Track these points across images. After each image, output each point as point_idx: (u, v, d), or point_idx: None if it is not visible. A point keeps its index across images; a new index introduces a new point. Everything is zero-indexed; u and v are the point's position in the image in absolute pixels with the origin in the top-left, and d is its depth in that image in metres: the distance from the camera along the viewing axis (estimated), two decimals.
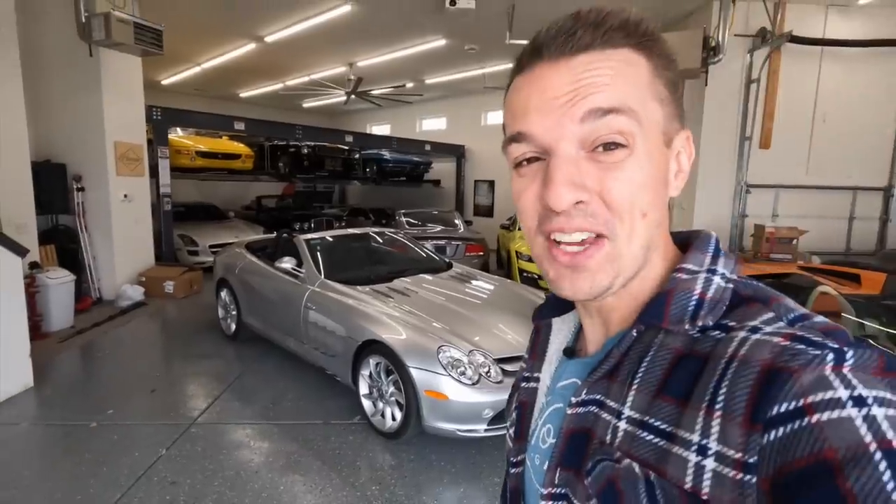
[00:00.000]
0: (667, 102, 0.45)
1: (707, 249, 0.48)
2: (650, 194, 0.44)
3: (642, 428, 0.42)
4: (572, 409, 0.49)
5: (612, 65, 0.42)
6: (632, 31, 0.44)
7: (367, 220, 10.40)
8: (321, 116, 15.71)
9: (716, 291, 0.45)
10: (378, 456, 3.01)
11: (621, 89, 0.42)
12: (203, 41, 8.47)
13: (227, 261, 5.10)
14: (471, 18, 6.43)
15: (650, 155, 0.44)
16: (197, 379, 4.17)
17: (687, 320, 0.44)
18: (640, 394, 0.43)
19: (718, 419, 0.37)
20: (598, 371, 0.48)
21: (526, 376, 0.62)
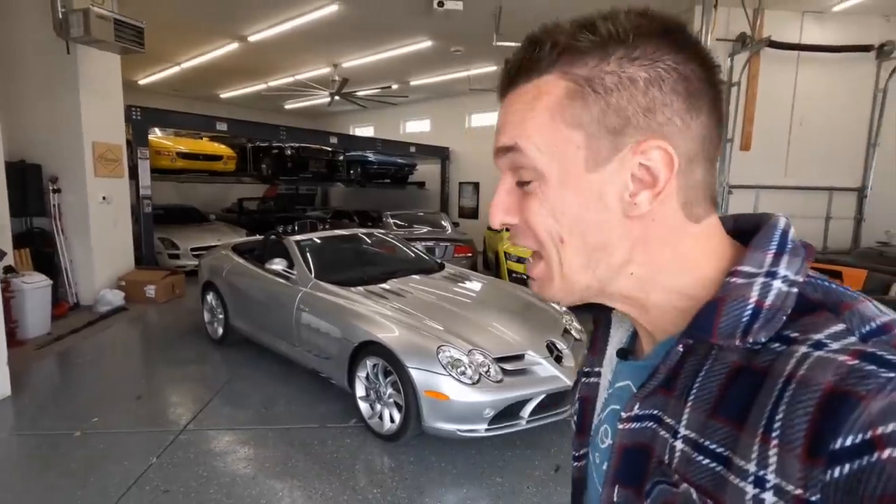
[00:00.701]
0: (594, 122, 0.41)
1: (769, 246, 0.42)
2: (566, 221, 0.43)
3: (698, 450, 0.39)
4: (624, 423, 0.47)
5: (523, 99, 0.44)
6: (551, 54, 0.42)
7: (351, 222, 10.32)
8: (303, 118, 15.53)
9: (776, 298, 0.39)
10: (377, 459, 2.97)
11: (520, 127, 0.44)
12: (184, 40, 8.29)
13: (213, 263, 4.99)
14: (458, 20, 6.44)
15: (563, 183, 0.43)
16: (184, 384, 4.06)
17: (738, 334, 0.39)
18: (694, 411, 0.40)
19: (776, 448, 0.34)
20: (648, 385, 0.45)
21: (587, 371, 0.61)
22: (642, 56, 0.41)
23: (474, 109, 12.49)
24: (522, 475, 2.81)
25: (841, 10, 6.09)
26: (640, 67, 0.41)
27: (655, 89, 0.41)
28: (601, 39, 0.41)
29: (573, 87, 0.42)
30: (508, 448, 3.05)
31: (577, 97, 0.42)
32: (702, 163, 0.43)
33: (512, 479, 2.77)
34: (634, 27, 0.41)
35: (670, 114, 0.41)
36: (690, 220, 0.44)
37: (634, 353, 0.54)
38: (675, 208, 0.43)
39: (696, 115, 0.42)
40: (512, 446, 3.07)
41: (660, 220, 0.43)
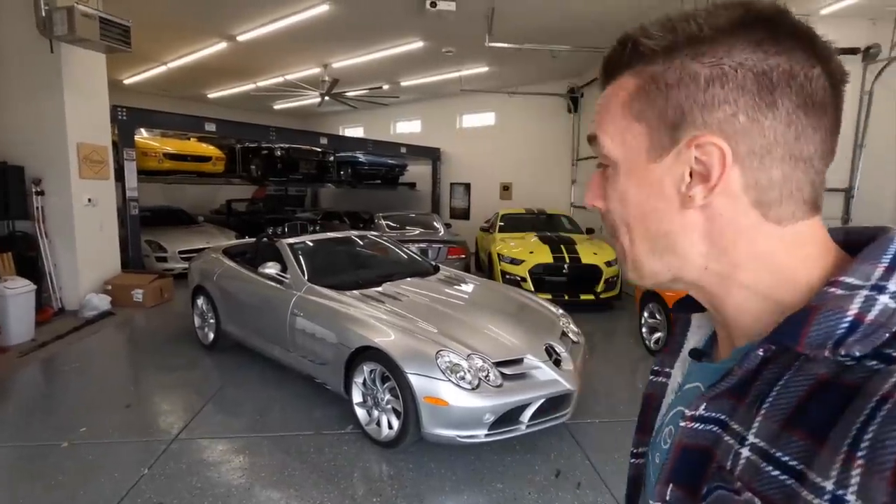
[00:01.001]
0: (655, 116, 0.44)
1: (880, 259, 0.39)
2: (631, 208, 0.47)
3: (767, 460, 0.37)
4: (687, 422, 0.46)
5: (605, 96, 0.49)
6: (626, 55, 0.46)
7: (342, 223, 10.25)
8: (292, 118, 15.40)
9: (880, 314, 0.37)
10: (375, 466, 2.92)
11: (599, 119, 0.49)
12: (171, 39, 8.15)
13: (204, 267, 4.89)
14: (450, 20, 6.40)
15: (628, 173, 0.47)
16: (175, 392, 3.97)
17: (829, 346, 0.37)
18: (767, 420, 0.39)
19: (859, 468, 0.32)
20: (718, 387, 0.44)
21: (656, 369, 0.61)
22: (708, 54, 0.42)
23: (465, 110, 12.48)
24: (523, 481, 2.78)
25: (828, 14, 6.17)
26: (704, 65, 0.42)
27: (717, 87, 0.41)
28: (673, 40, 0.43)
29: (640, 84, 0.45)
30: (508, 453, 3.02)
31: (643, 92, 0.45)
32: (781, 161, 0.41)
33: (513, 484, 2.74)
34: (710, 26, 0.42)
35: (732, 111, 0.41)
36: (769, 220, 0.43)
37: (710, 356, 0.53)
38: (746, 205, 0.43)
39: (769, 112, 0.41)
40: (512, 451, 3.04)
41: (728, 217, 0.43)
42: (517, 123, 11.43)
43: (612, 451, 3.07)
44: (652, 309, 4.90)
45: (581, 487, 2.72)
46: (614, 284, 6.58)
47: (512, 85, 10.46)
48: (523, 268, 6.50)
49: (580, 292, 6.39)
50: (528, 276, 6.43)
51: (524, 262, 6.54)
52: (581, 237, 7.52)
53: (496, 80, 10.29)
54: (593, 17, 6.60)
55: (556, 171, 10.74)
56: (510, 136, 11.63)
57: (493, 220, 8.66)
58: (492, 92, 10.65)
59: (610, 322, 6.18)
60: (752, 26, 0.41)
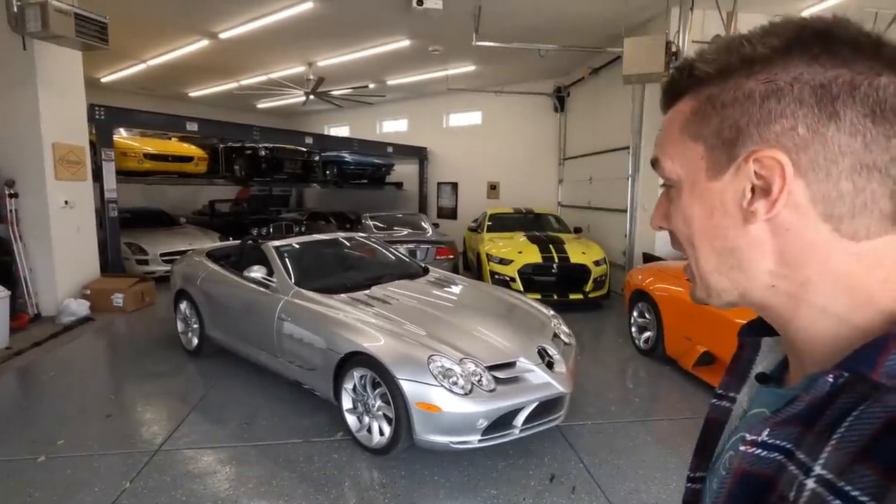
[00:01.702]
0: (712, 135, 0.45)
1: None
2: (696, 226, 0.47)
3: (835, 493, 0.35)
4: (747, 447, 0.44)
5: (666, 121, 0.50)
6: (684, 81, 0.47)
7: (328, 224, 10.12)
8: (276, 117, 15.18)
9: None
10: (366, 474, 2.86)
11: (661, 141, 0.50)
12: (150, 36, 7.94)
13: (187, 270, 4.77)
14: (436, 19, 6.34)
15: (690, 192, 0.47)
16: (158, 400, 3.85)
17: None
18: (837, 452, 0.37)
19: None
20: (784, 412, 0.42)
21: (720, 393, 0.59)
22: (763, 72, 0.42)
23: (452, 109, 12.42)
24: (517, 486, 2.74)
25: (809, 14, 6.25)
26: (758, 83, 0.42)
27: (772, 102, 0.41)
28: (727, 61, 0.44)
29: (697, 106, 0.46)
30: (501, 458, 2.99)
31: (700, 113, 0.46)
32: (851, 172, 0.40)
33: (507, 490, 2.70)
34: (764, 45, 0.42)
35: (791, 124, 0.41)
36: (843, 235, 0.41)
37: (779, 382, 0.52)
38: (815, 219, 0.41)
39: (831, 123, 0.40)
40: (505, 456, 3.00)
41: (795, 232, 0.42)
42: (504, 122, 11.42)
43: (606, 454, 3.05)
44: (641, 308, 4.90)
45: (576, 492, 2.69)
46: (603, 284, 6.59)
47: (499, 84, 10.43)
48: (512, 268, 6.47)
49: (569, 292, 6.39)
50: (518, 276, 6.41)
51: (513, 262, 6.51)
52: (569, 236, 7.53)
53: (483, 79, 10.25)
54: (580, 16, 6.60)
55: (544, 170, 10.75)
56: (497, 136, 11.61)
57: (481, 219, 8.63)
58: (478, 91, 10.62)
59: (599, 321, 6.20)
60: (806, 42, 0.41)
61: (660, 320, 4.55)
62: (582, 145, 9.34)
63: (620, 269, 7.19)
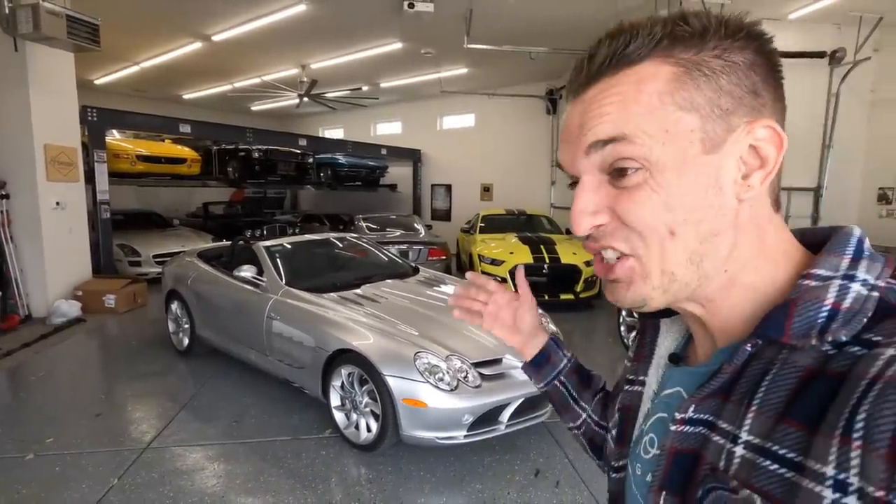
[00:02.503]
0: (708, 103, 0.41)
1: (844, 251, 0.41)
2: (679, 211, 0.42)
3: (764, 455, 0.37)
4: (677, 425, 0.45)
5: (620, 89, 0.42)
6: (656, 38, 0.41)
7: (322, 226, 10.15)
8: (270, 120, 15.20)
9: (854, 301, 0.38)
10: (353, 470, 2.89)
11: (623, 115, 0.42)
12: (143, 38, 7.97)
13: (178, 271, 4.78)
14: (428, 22, 6.40)
15: (678, 169, 0.41)
16: (148, 399, 3.86)
17: (815, 334, 0.38)
18: (760, 416, 0.39)
19: (858, 450, 0.32)
20: (707, 387, 0.44)
21: (630, 378, 0.60)
22: (735, 43, 0.41)
23: (445, 112, 12.49)
24: (502, 481, 2.78)
25: (796, 18, 6.35)
26: (738, 52, 0.41)
27: (758, 70, 0.42)
28: (697, 29, 0.41)
29: (680, 71, 0.41)
30: (487, 453, 3.02)
31: (687, 80, 0.41)
32: None
33: (492, 485, 2.74)
34: (720, 21, 0.42)
35: (768, 97, 0.42)
36: (774, 208, 0.44)
37: (686, 360, 0.53)
38: (764, 192, 0.43)
39: (782, 96, 0.44)
40: (491, 452, 3.04)
41: (756, 207, 0.43)
42: (497, 125, 11.49)
43: None
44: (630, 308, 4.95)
45: (560, 486, 2.73)
46: (593, 284, 6.64)
47: (491, 86, 10.51)
48: (503, 268, 6.52)
49: (560, 292, 6.44)
50: (509, 277, 6.45)
51: (505, 262, 6.56)
52: (560, 237, 7.58)
53: (475, 82, 10.32)
54: (570, 19, 6.67)
55: (536, 172, 10.83)
56: (490, 138, 11.68)
57: (474, 221, 8.68)
58: (471, 93, 10.69)
59: (589, 321, 6.24)
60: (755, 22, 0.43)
61: None
62: None
63: None
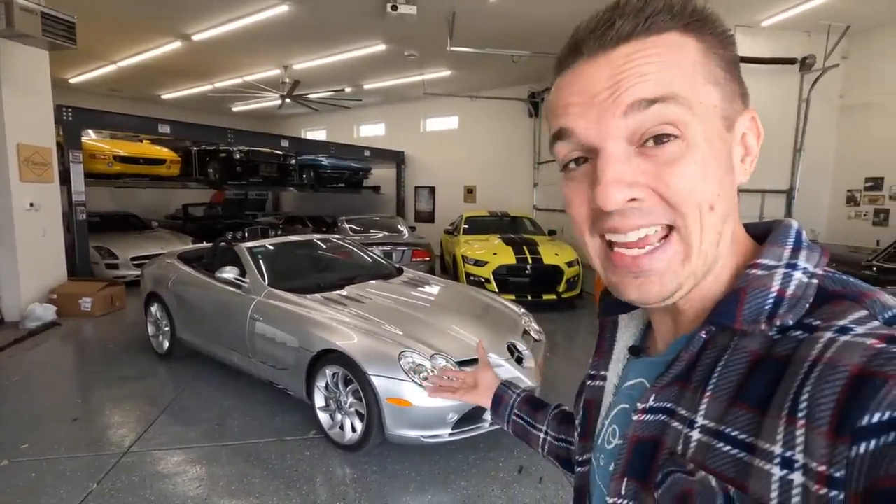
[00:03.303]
0: (725, 83, 0.42)
1: (786, 242, 0.44)
2: (714, 185, 0.41)
3: (718, 438, 0.39)
4: (639, 415, 0.47)
5: (657, 51, 0.40)
6: (678, 13, 0.41)
7: (304, 227, 10.07)
8: (251, 120, 15.04)
9: (797, 288, 0.41)
10: (338, 470, 2.89)
11: (667, 76, 0.40)
12: (120, 37, 7.83)
13: (158, 273, 4.71)
14: (411, 24, 6.43)
15: (709, 142, 0.41)
16: (127, 403, 3.79)
17: (763, 320, 0.40)
18: (714, 401, 0.40)
19: (802, 429, 0.34)
20: (667, 375, 0.45)
21: (592, 374, 0.61)
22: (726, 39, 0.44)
23: (429, 114, 12.52)
24: (487, 478, 2.81)
25: (769, 26, 6.56)
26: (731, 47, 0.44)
27: (737, 67, 0.45)
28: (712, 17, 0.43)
29: (706, 48, 0.42)
30: (472, 451, 3.05)
31: (712, 57, 0.42)
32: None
33: (477, 482, 2.77)
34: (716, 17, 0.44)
35: (743, 90, 0.45)
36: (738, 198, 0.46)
37: (646, 352, 0.55)
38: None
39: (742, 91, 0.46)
40: (475, 449, 3.07)
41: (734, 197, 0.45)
42: (480, 127, 11.56)
43: None
44: None
45: (543, 482, 2.77)
46: (575, 284, 6.74)
47: (474, 89, 10.58)
48: (487, 269, 6.57)
49: (543, 292, 6.51)
50: (492, 278, 6.50)
51: (488, 263, 6.61)
52: (543, 238, 7.67)
53: (459, 84, 10.38)
54: (551, 22, 6.77)
55: (519, 174, 10.93)
56: (474, 140, 11.75)
57: (458, 222, 8.72)
58: (454, 96, 10.75)
59: (571, 321, 6.33)
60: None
61: None
62: None
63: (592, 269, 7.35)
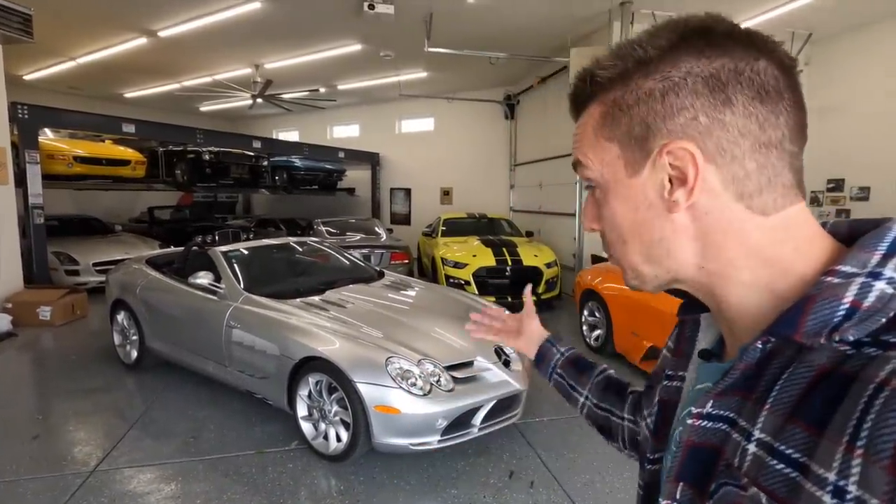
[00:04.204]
0: (624, 134, 0.47)
1: (877, 247, 0.40)
2: (624, 222, 0.49)
3: (772, 454, 0.37)
4: (694, 420, 0.46)
5: (580, 125, 0.52)
6: (588, 89, 0.50)
7: (278, 230, 9.84)
8: (221, 121, 14.61)
9: (877, 300, 0.37)
10: (323, 482, 2.78)
11: (580, 145, 0.52)
12: (81, 32, 7.45)
13: (125, 279, 4.48)
14: (388, 24, 6.35)
15: (615, 190, 0.49)
16: (93, 418, 3.58)
17: (825, 333, 0.37)
18: (772, 415, 0.39)
19: (860, 458, 0.31)
20: (721, 383, 0.45)
21: (669, 374, 0.59)
22: (657, 71, 0.45)
23: (404, 115, 12.43)
24: (477, 484, 2.75)
25: None
26: (655, 81, 0.45)
27: (672, 97, 0.44)
28: (623, 67, 0.46)
29: (604, 110, 0.49)
30: (461, 458, 2.99)
31: (608, 116, 0.48)
32: (752, 152, 0.43)
33: (467, 489, 2.71)
34: (653, 47, 0.45)
35: (692, 115, 0.43)
36: (755, 212, 0.44)
37: (719, 357, 0.53)
38: (729, 200, 0.44)
39: (727, 109, 0.43)
40: (464, 456, 3.01)
41: (713, 215, 0.44)
42: (456, 129, 11.54)
43: (562, 448, 3.12)
44: (591, 307, 5.08)
45: (534, 486, 2.74)
46: (555, 285, 6.78)
47: (451, 91, 10.55)
48: (467, 271, 6.54)
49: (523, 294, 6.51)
50: (472, 280, 6.48)
51: (468, 265, 6.58)
52: (522, 240, 7.69)
53: (435, 86, 10.33)
54: (528, 26, 6.80)
55: (496, 175, 10.95)
56: (450, 142, 11.72)
57: (436, 224, 8.66)
58: (431, 97, 10.69)
59: (552, 322, 6.35)
60: (690, 39, 0.44)
61: (609, 318, 4.72)
62: (532, 152, 9.59)
63: (571, 270, 7.41)
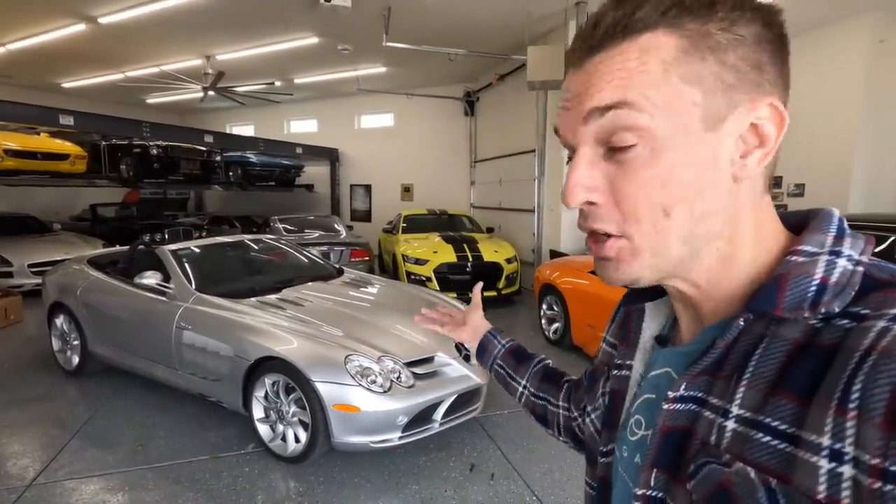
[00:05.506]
0: (712, 79, 0.40)
1: (828, 229, 0.42)
2: (676, 190, 0.41)
3: (756, 428, 0.38)
4: (669, 404, 0.45)
5: (622, 57, 0.41)
6: (652, 11, 0.40)
7: (232, 228, 9.51)
8: (170, 114, 13.96)
9: (841, 275, 0.39)
10: (282, 484, 2.72)
11: (626, 82, 0.40)
12: (10, 15, 6.92)
13: (64, 281, 4.21)
14: (346, 18, 6.23)
15: (678, 145, 0.40)
16: (29, 429, 3.35)
17: (807, 307, 0.38)
18: (751, 390, 0.39)
19: (853, 420, 0.32)
20: (700, 364, 0.44)
21: (618, 363, 0.59)
22: (744, 15, 0.40)
23: (363, 110, 12.26)
24: (439, 479, 2.77)
25: None
26: (746, 25, 0.40)
27: (760, 47, 0.40)
28: (685, 9, 0.40)
29: (686, 43, 0.40)
30: (422, 453, 3.00)
31: (694, 52, 0.40)
32: None
33: (429, 484, 2.72)
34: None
35: (774, 72, 0.41)
36: (766, 190, 0.44)
37: (672, 342, 0.54)
38: (760, 174, 0.43)
39: (786, 77, 0.42)
40: (425, 451, 3.02)
41: (750, 187, 0.42)
42: (416, 125, 11.49)
43: (521, 440, 3.18)
44: (550, 301, 5.19)
45: (495, 478, 2.77)
46: (514, 280, 6.88)
47: (410, 86, 10.49)
48: (428, 268, 6.53)
49: (483, 289, 6.57)
50: (433, 276, 6.48)
51: (429, 262, 6.58)
52: (482, 236, 7.76)
53: (394, 81, 10.24)
54: (486, 22, 6.84)
55: (456, 172, 10.99)
56: (410, 138, 11.66)
57: (396, 221, 8.61)
58: (389, 93, 10.59)
59: (511, 316, 6.45)
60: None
61: (566, 311, 4.84)
62: (492, 148, 9.68)
63: (530, 265, 7.54)
